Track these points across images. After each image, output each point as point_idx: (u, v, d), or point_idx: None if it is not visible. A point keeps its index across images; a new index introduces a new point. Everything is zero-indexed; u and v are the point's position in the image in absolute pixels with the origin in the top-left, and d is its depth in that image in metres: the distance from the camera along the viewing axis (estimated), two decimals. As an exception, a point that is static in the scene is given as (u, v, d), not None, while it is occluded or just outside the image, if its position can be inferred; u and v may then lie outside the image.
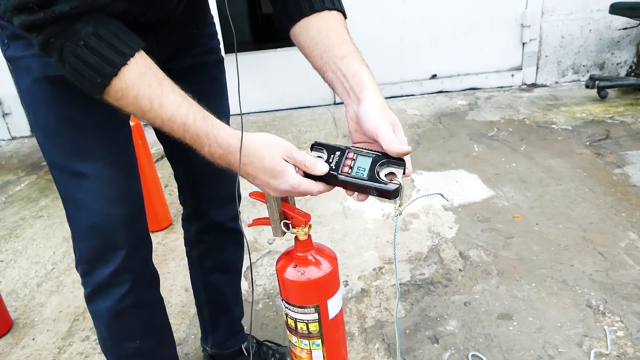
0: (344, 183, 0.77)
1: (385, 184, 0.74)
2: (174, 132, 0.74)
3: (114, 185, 0.94)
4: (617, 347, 1.45)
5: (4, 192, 2.96)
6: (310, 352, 0.97)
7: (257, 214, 2.39)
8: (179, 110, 0.72)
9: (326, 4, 0.87)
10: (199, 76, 1.09)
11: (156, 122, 0.73)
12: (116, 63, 0.68)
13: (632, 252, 1.85)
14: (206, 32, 1.09)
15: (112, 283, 0.99)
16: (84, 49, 0.67)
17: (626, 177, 2.38)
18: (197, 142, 0.74)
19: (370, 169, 0.75)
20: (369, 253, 2.02)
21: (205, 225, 1.27)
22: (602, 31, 3.72)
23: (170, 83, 0.74)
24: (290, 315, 0.94)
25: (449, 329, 1.58)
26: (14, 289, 2.04)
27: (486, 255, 1.92)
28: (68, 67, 0.68)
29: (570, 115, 3.21)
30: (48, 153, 0.93)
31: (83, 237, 0.97)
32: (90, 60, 0.67)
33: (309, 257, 0.92)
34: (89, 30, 0.67)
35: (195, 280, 1.36)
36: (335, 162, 0.78)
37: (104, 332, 1.07)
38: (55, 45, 0.67)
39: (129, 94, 0.70)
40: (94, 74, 0.68)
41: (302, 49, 0.89)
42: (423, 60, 3.84)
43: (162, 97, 0.72)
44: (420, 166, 2.71)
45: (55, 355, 1.66)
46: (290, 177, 0.76)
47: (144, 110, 0.72)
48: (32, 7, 0.64)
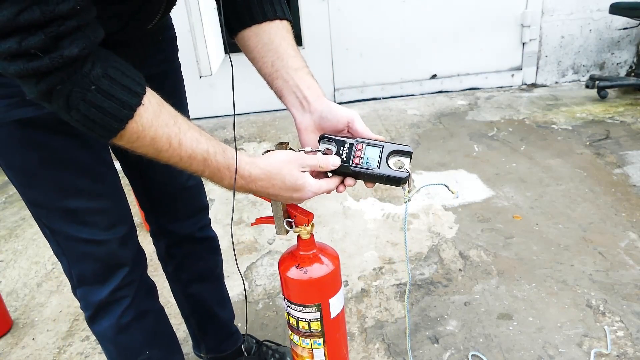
0: (356, 174, 0.82)
1: (395, 172, 0.80)
2: (191, 169, 0.72)
3: (103, 213, 0.92)
4: (617, 347, 1.45)
5: (4, 192, 2.96)
6: (312, 351, 0.97)
7: (257, 214, 2.39)
8: (199, 147, 0.70)
9: (278, 14, 0.88)
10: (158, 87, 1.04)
11: (172, 160, 0.70)
12: (132, 105, 0.63)
13: (632, 252, 1.85)
14: (167, 37, 1.05)
15: (114, 300, 0.98)
16: (95, 94, 0.60)
17: (626, 177, 2.38)
18: (216, 176, 0.74)
19: (379, 159, 0.81)
20: (369, 253, 2.02)
21: (174, 240, 1.23)
22: (602, 31, 3.72)
23: (183, 118, 0.71)
24: (292, 314, 0.95)
25: (449, 329, 1.58)
26: (14, 289, 2.04)
27: (486, 255, 1.92)
28: (76, 113, 0.61)
29: (570, 115, 3.21)
30: (29, 194, 0.88)
31: (82, 261, 0.95)
32: (105, 105, 0.61)
33: (312, 256, 0.92)
34: (98, 72, 0.61)
35: (176, 293, 1.34)
36: (345, 154, 0.82)
37: (113, 352, 1.06)
38: (62, 93, 0.59)
39: (145, 135, 0.66)
40: (109, 119, 0.62)
41: (249, 53, 0.90)
42: (423, 60, 3.84)
43: (181, 135, 0.69)
44: (420, 166, 2.71)
45: (55, 355, 1.66)
46: (311, 186, 0.80)
47: (160, 150, 0.68)
48: (33, 54, 0.55)
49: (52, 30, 0.54)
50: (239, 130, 3.54)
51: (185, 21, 2.59)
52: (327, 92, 3.81)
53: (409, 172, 0.79)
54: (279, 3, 0.89)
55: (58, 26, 0.55)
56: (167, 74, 1.07)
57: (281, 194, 0.79)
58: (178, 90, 1.12)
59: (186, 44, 1.85)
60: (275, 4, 0.88)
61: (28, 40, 0.54)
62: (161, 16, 0.87)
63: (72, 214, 0.89)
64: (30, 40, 0.54)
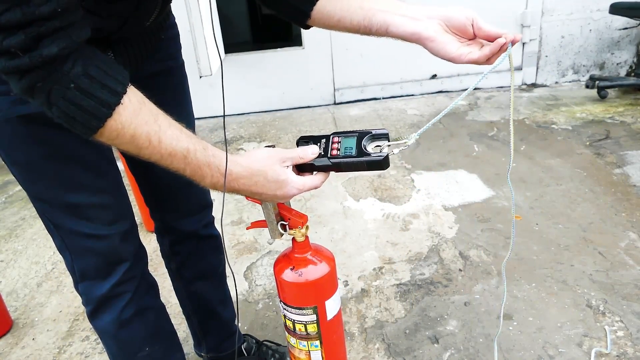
0: (336, 165, 0.81)
1: (373, 157, 0.79)
2: (172, 166, 0.73)
3: (106, 208, 0.93)
4: (617, 347, 1.45)
5: (4, 192, 2.96)
6: (309, 353, 0.97)
7: (258, 214, 2.39)
8: (179, 145, 0.71)
9: None
10: (163, 83, 1.06)
11: (152, 158, 0.71)
12: (111, 104, 0.65)
13: (632, 252, 1.85)
14: (169, 35, 1.06)
15: (115, 295, 0.99)
16: (74, 92, 0.62)
17: (626, 177, 2.38)
18: (198, 174, 0.74)
19: (357, 146, 0.81)
20: (369, 253, 2.02)
21: (178, 237, 1.24)
22: (602, 31, 3.72)
23: (165, 116, 0.72)
24: (288, 316, 0.94)
25: (449, 329, 1.58)
26: (14, 289, 2.04)
27: (486, 255, 1.92)
28: (56, 110, 0.63)
29: (570, 115, 3.21)
30: (33, 189, 0.90)
31: (84, 256, 0.96)
32: (83, 104, 0.63)
33: (307, 259, 0.92)
34: (79, 70, 0.62)
35: (179, 291, 1.35)
36: (322, 148, 0.82)
37: (114, 347, 1.07)
38: (42, 89, 0.61)
39: (125, 133, 0.67)
40: (88, 117, 0.64)
41: (333, 17, 0.90)
42: (423, 60, 3.79)
43: (160, 133, 0.69)
44: (420, 166, 2.71)
45: (55, 355, 1.66)
46: (294, 182, 0.79)
47: (140, 147, 0.69)
48: (14, 52, 0.57)
49: (32, 30, 0.56)
50: (239, 130, 3.54)
51: (185, 21, 2.59)
52: (327, 92, 3.84)
53: (387, 153, 0.79)
54: None
55: (38, 27, 0.57)
56: (171, 71, 1.08)
57: (265, 191, 0.79)
58: (182, 87, 1.13)
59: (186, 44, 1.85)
60: None
61: (9, 39, 0.56)
62: (159, 12, 0.87)
63: (75, 208, 0.90)
64: (11, 40, 0.56)
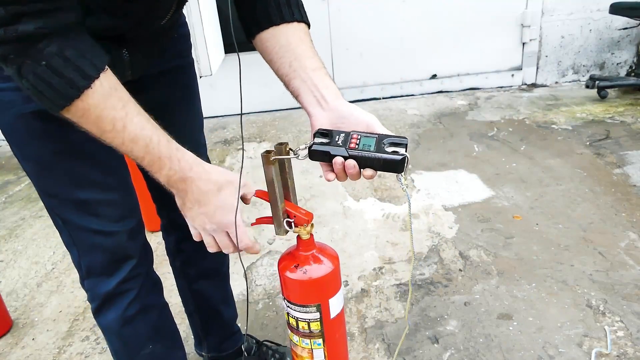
0: (352, 157, 0.81)
1: (391, 156, 0.79)
2: (132, 153, 0.74)
3: (114, 205, 0.95)
4: (617, 347, 1.45)
5: (4, 192, 2.96)
6: (312, 352, 0.97)
7: (258, 214, 2.39)
8: (142, 133, 0.73)
9: (295, 16, 0.90)
10: (173, 81, 1.07)
11: (114, 142, 0.73)
12: (79, 86, 0.67)
13: (632, 252, 1.85)
14: (181, 33, 1.08)
15: (120, 292, 1.00)
16: (45, 69, 0.64)
17: (626, 177, 2.38)
18: (156, 164, 0.76)
19: (376, 145, 0.81)
20: (369, 253, 2.02)
21: (183, 235, 1.23)
22: (602, 31, 3.72)
23: (135, 105, 0.73)
24: (291, 314, 0.94)
25: (449, 329, 1.58)
26: (14, 289, 2.04)
27: (486, 255, 1.92)
28: (26, 82, 0.66)
29: (570, 115, 3.21)
30: (43, 184, 0.91)
31: (91, 252, 0.97)
32: (52, 81, 0.65)
33: (311, 256, 0.92)
34: (53, 49, 0.64)
35: (182, 289, 1.35)
36: (341, 140, 0.82)
37: (117, 345, 1.07)
38: (14, 62, 0.64)
39: (90, 114, 0.69)
40: (55, 95, 0.66)
41: (267, 55, 0.92)
42: (423, 60, 3.84)
43: (126, 119, 0.71)
44: (420, 166, 2.71)
45: (55, 355, 1.66)
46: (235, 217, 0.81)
47: (103, 130, 0.71)
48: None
49: (13, 8, 0.61)
50: (239, 130, 3.53)
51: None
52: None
53: (406, 156, 0.79)
54: (297, 6, 0.91)
55: (21, 5, 0.61)
56: (181, 68, 1.09)
57: (207, 203, 0.81)
58: (191, 84, 1.14)
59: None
60: (293, 7, 0.90)
61: None
62: (173, 13, 0.89)
63: (85, 205, 0.91)
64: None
